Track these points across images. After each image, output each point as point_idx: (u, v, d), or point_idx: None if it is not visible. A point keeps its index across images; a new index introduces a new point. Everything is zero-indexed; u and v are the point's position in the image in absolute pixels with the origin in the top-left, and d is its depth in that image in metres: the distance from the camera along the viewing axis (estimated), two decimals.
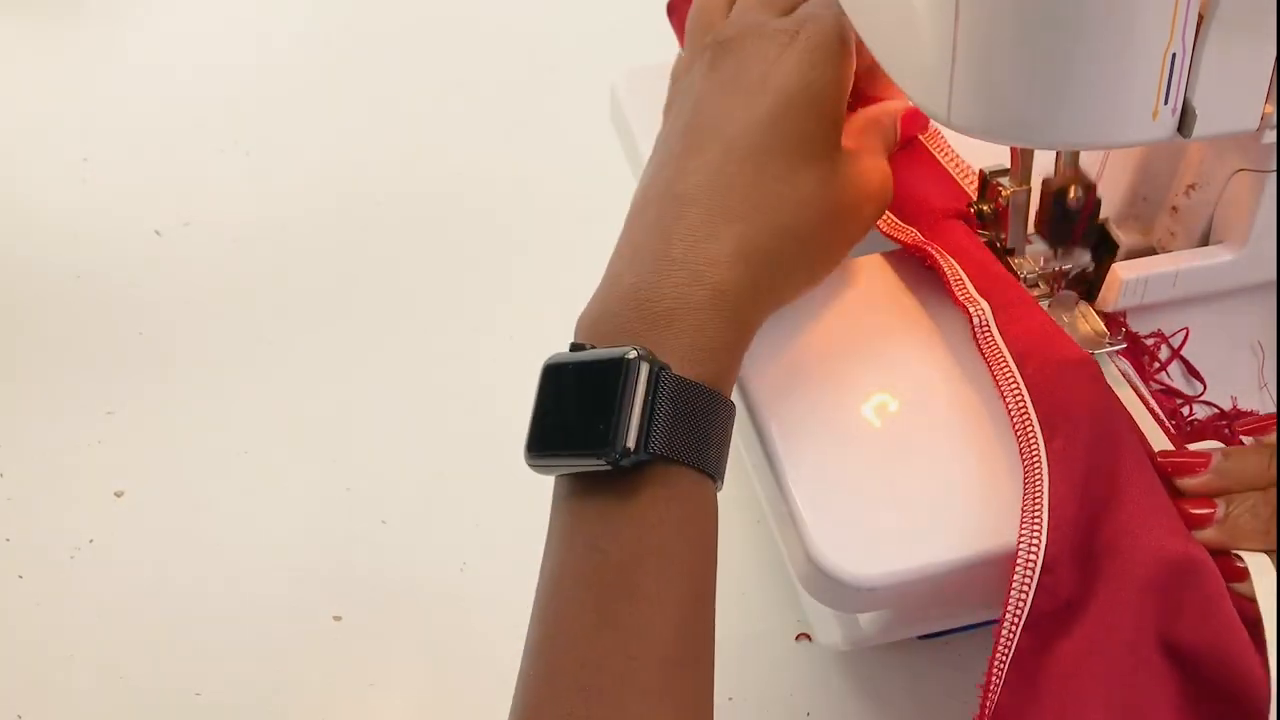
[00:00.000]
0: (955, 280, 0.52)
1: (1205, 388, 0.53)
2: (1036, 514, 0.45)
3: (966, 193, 0.56)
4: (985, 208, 0.55)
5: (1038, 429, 0.47)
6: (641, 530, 0.42)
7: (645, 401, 0.42)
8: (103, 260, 0.79)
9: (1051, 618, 0.44)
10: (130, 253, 0.79)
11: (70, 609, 0.62)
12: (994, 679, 0.43)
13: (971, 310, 0.51)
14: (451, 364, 0.72)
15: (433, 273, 0.77)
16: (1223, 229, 0.52)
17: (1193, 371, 0.53)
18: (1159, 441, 0.48)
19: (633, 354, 0.43)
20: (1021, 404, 0.48)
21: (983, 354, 0.50)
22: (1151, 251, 0.55)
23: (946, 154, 0.58)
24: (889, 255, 0.56)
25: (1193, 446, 0.48)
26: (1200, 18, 0.41)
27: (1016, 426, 0.47)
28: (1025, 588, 0.44)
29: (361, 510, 0.65)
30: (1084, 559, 0.45)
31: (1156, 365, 0.53)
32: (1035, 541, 0.44)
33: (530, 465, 0.45)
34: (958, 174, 0.57)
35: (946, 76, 0.43)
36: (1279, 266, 0.52)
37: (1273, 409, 0.52)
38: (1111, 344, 0.52)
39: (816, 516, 0.47)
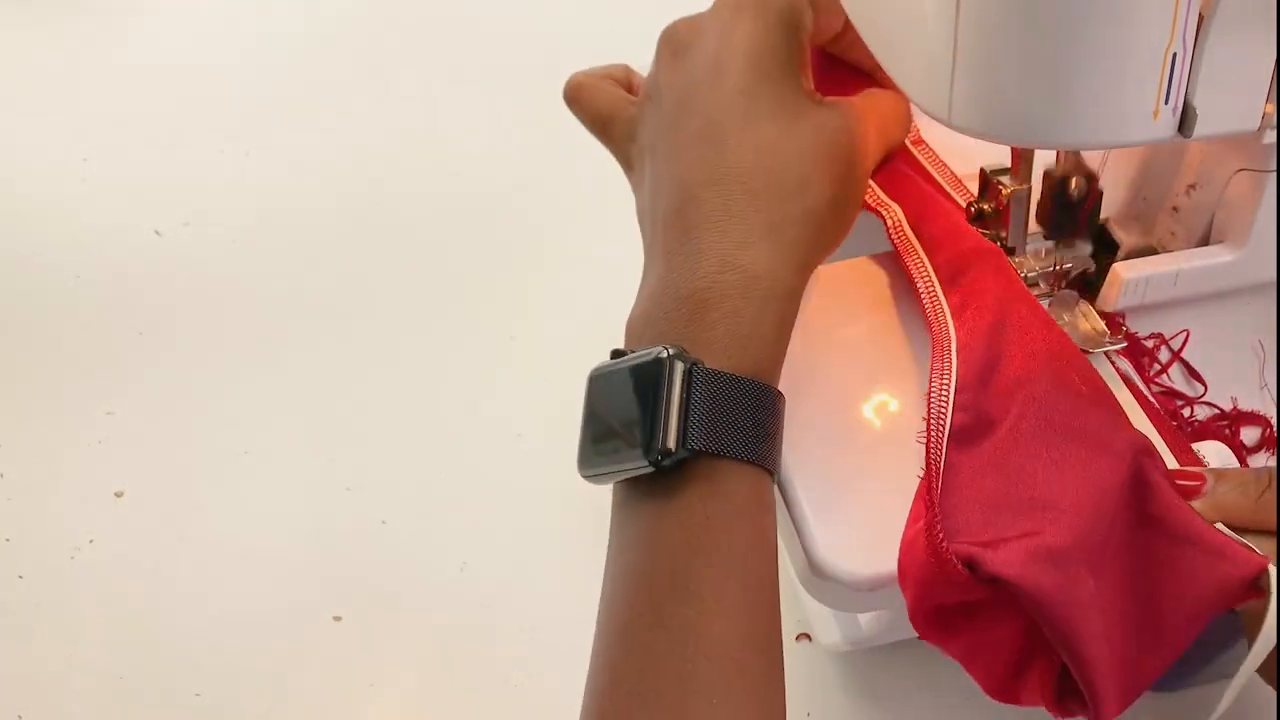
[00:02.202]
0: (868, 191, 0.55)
1: (1206, 388, 0.53)
2: (946, 350, 0.47)
3: (957, 200, 0.57)
4: (985, 206, 0.55)
5: (943, 302, 0.49)
6: (690, 530, 0.42)
7: (681, 399, 0.42)
8: (103, 260, 0.79)
9: (972, 431, 0.45)
10: (130, 253, 0.79)
11: (70, 609, 0.62)
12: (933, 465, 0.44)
13: (885, 214, 0.53)
14: (452, 363, 0.72)
15: (432, 272, 0.77)
16: (1223, 229, 0.52)
17: (1193, 372, 0.53)
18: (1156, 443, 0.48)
19: (664, 354, 0.42)
20: (930, 287, 0.51)
21: (896, 249, 0.53)
22: (1152, 251, 0.55)
23: (934, 162, 0.58)
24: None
25: (1194, 446, 0.48)
26: (1201, 17, 0.41)
27: (925, 305, 0.50)
28: (943, 405, 0.46)
29: (361, 510, 0.65)
30: (991, 380, 0.46)
31: (1157, 368, 0.53)
32: (946, 375, 0.47)
33: (583, 477, 0.45)
34: (948, 184, 0.58)
35: (947, 76, 0.43)
36: (1279, 266, 0.52)
37: (1273, 409, 0.52)
38: (1112, 343, 0.52)
39: (817, 516, 0.47)
